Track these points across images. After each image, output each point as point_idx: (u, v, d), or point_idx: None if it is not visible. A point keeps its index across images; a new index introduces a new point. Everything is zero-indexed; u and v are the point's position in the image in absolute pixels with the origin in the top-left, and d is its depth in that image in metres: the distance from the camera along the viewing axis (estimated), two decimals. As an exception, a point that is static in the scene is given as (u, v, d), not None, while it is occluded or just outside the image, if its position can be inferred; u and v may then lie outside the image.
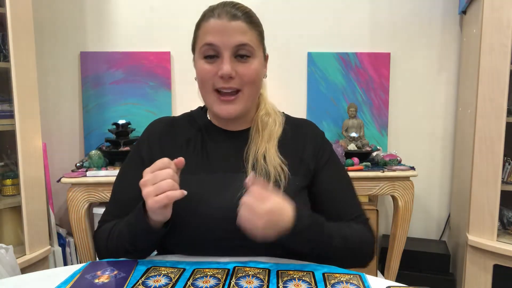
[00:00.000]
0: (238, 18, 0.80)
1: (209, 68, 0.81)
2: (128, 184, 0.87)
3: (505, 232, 1.78)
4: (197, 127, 0.91)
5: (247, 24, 0.81)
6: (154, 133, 0.91)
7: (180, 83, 2.08)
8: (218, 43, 0.79)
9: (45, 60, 2.01)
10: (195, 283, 0.68)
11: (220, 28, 0.79)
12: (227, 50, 0.80)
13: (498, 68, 1.65)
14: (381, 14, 2.11)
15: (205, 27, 0.81)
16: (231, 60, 0.80)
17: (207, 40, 0.80)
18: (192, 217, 0.80)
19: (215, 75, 0.81)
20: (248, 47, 0.81)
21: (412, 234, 2.19)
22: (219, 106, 0.83)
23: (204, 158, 0.86)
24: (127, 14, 2.05)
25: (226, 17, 0.79)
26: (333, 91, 2.11)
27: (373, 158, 1.92)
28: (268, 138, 0.87)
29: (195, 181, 0.82)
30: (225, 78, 0.80)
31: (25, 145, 1.57)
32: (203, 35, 0.81)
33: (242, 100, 0.83)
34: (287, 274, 0.72)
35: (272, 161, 0.84)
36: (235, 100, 0.82)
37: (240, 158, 0.85)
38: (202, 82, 0.83)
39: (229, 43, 0.79)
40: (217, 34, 0.79)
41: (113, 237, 0.81)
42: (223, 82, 0.81)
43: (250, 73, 0.81)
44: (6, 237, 1.65)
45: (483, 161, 1.71)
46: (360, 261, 0.85)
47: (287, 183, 0.82)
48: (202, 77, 0.83)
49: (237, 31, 0.79)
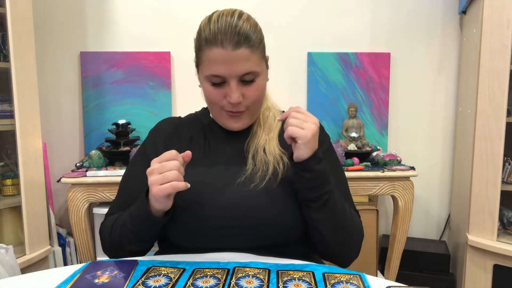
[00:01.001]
0: (241, 45, 0.80)
1: (216, 92, 0.84)
2: (133, 180, 0.91)
3: (505, 232, 1.78)
4: (200, 126, 0.95)
5: (250, 49, 0.81)
6: (160, 133, 0.95)
7: (180, 83, 2.08)
8: (224, 74, 0.81)
9: (45, 60, 2.01)
10: (195, 283, 0.68)
11: (225, 58, 0.80)
12: (234, 78, 0.82)
13: (498, 68, 1.65)
14: (381, 14, 2.11)
15: (209, 55, 0.82)
16: (238, 87, 0.82)
17: (213, 72, 0.82)
18: (194, 207, 0.82)
19: (224, 99, 0.84)
20: (252, 72, 0.83)
21: (412, 234, 2.19)
22: (228, 121, 0.88)
23: (206, 152, 0.90)
24: (127, 14, 2.05)
25: (229, 46, 0.79)
26: (333, 91, 2.11)
27: (373, 158, 1.92)
28: (269, 130, 0.91)
29: (196, 173, 0.85)
30: (233, 105, 0.84)
31: (25, 145, 1.57)
32: (208, 64, 0.83)
33: (249, 116, 0.88)
34: (287, 274, 0.72)
35: (272, 151, 0.87)
36: (242, 115, 0.87)
37: (241, 151, 0.89)
38: (210, 102, 0.88)
39: (235, 72, 0.81)
40: (222, 64, 0.81)
41: (117, 227, 0.84)
42: (232, 107, 0.85)
43: (256, 93, 0.85)
44: (6, 237, 1.65)
45: (483, 161, 1.71)
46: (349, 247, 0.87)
47: (286, 172, 0.85)
48: (209, 99, 0.86)
49: (241, 60, 0.80)
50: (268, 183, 0.83)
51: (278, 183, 0.84)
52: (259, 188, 0.82)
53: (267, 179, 0.83)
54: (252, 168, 0.85)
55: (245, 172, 0.85)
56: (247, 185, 0.83)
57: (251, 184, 0.83)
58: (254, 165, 0.86)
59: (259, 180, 0.83)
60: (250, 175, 0.84)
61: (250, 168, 0.85)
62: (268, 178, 0.84)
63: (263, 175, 0.84)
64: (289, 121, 0.78)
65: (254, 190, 0.82)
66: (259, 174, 0.84)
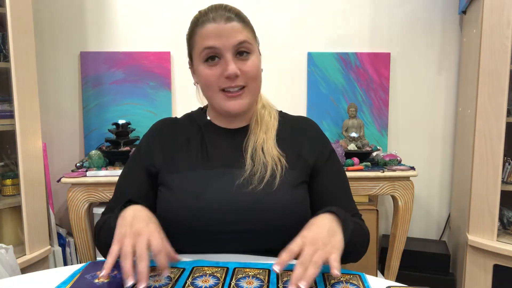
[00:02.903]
0: (232, 20, 0.83)
1: (212, 72, 0.84)
2: (128, 182, 0.91)
3: (505, 232, 1.78)
4: (197, 127, 0.94)
5: (242, 23, 0.84)
6: (155, 133, 0.94)
7: (180, 83, 2.08)
8: (219, 45, 0.82)
9: (45, 60, 2.01)
10: (194, 282, 0.68)
11: (218, 31, 0.81)
12: (229, 50, 0.82)
13: (498, 68, 1.65)
14: (381, 14, 2.11)
15: (202, 32, 0.83)
16: (234, 60, 0.83)
17: (208, 44, 0.82)
18: (192, 212, 0.81)
19: (220, 77, 0.83)
20: (247, 43, 0.84)
21: (412, 234, 2.19)
22: (227, 103, 0.86)
23: (203, 154, 0.89)
24: (127, 14, 2.05)
25: (221, 20, 0.82)
26: (333, 91, 2.11)
27: (373, 158, 1.92)
28: (266, 129, 0.91)
29: (195, 177, 0.85)
30: (231, 78, 0.83)
31: (25, 145, 1.57)
32: (201, 40, 0.83)
33: (248, 95, 0.86)
34: (287, 274, 0.72)
35: (270, 151, 0.87)
36: (242, 95, 0.85)
37: (240, 152, 0.88)
38: (207, 85, 0.86)
39: (230, 43, 0.82)
40: (216, 37, 0.82)
41: (104, 229, 0.84)
42: (230, 82, 0.83)
43: (252, 69, 0.85)
44: (6, 237, 1.65)
45: (483, 161, 1.71)
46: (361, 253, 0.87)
47: (284, 175, 0.85)
48: (207, 81, 0.85)
49: (235, 31, 0.82)
50: (266, 186, 0.82)
51: (277, 186, 0.83)
52: (257, 190, 0.82)
53: (265, 182, 0.83)
54: (250, 169, 0.85)
55: (243, 173, 0.84)
56: (245, 187, 0.82)
57: (249, 186, 0.82)
58: (253, 166, 0.85)
59: (257, 182, 0.83)
60: (248, 177, 0.84)
61: (248, 169, 0.85)
62: (266, 180, 0.83)
63: (261, 177, 0.83)
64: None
65: (253, 193, 0.82)
66: (258, 176, 0.83)
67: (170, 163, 0.88)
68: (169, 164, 0.88)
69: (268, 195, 0.82)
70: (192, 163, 0.86)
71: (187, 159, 0.88)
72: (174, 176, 0.86)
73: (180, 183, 0.84)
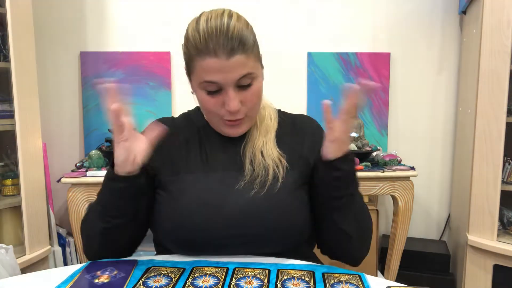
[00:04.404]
0: (235, 52, 0.75)
1: (213, 101, 0.79)
2: None
3: (505, 232, 1.78)
4: (196, 129, 0.91)
5: (245, 54, 0.76)
6: None
7: (180, 83, 2.08)
8: (220, 81, 0.77)
9: (45, 60, 2.01)
10: (194, 282, 0.68)
11: (219, 68, 0.75)
12: (230, 85, 0.77)
13: (498, 68, 1.65)
14: (381, 14, 2.11)
15: (201, 66, 0.77)
16: (236, 95, 0.78)
17: (207, 79, 0.77)
18: (192, 217, 0.79)
19: (221, 108, 0.80)
20: (249, 75, 0.78)
21: (412, 234, 2.19)
22: (226, 129, 0.84)
23: (203, 158, 0.86)
24: (127, 14, 2.05)
25: (223, 55, 0.74)
26: (333, 91, 2.11)
27: (373, 158, 1.92)
28: (265, 132, 0.88)
29: (194, 181, 0.82)
30: (233, 114, 0.80)
31: (25, 145, 1.57)
32: (201, 72, 0.77)
33: (248, 121, 0.85)
34: (287, 273, 0.72)
35: (270, 154, 0.84)
36: (241, 124, 0.83)
37: (238, 156, 0.86)
38: (208, 112, 0.84)
39: (232, 79, 0.76)
40: (217, 73, 0.76)
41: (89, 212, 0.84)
42: (231, 116, 0.80)
43: (253, 98, 0.81)
44: (6, 237, 1.65)
45: (483, 161, 1.71)
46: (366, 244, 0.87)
47: (286, 176, 0.82)
48: (206, 107, 0.82)
49: (237, 66, 0.76)
50: (269, 189, 0.80)
51: (279, 189, 0.80)
52: (260, 195, 0.79)
53: (268, 185, 0.80)
54: (250, 174, 0.82)
55: (243, 178, 0.82)
56: (247, 192, 0.80)
57: (251, 191, 0.80)
58: (253, 170, 0.82)
59: (259, 186, 0.80)
60: (249, 181, 0.81)
61: (248, 174, 0.82)
62: (268, 183, 0.80)
63: (263, 181, 0.81)
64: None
65: (256, 197, 0.79)
66: (259, 180, 0.81)
67: (169, 166, 0.85)
68: (168, 167, 0.85)
69: (270, 199, 0.79)
70: (191, 166, 0.84)
71: (186, 162, 0.85)
72: (174, 180, 0.83)
73: (179, 187, 0.82)
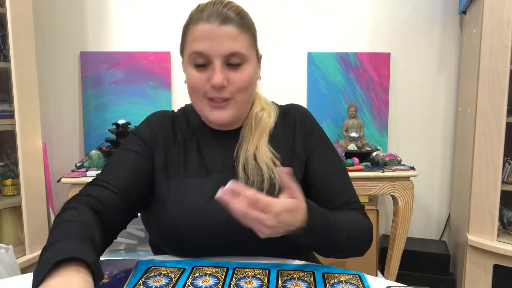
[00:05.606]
0: (229, 22, 0.75)
1: (199, 76, 0.78)
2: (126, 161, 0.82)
3: (505, 232, 1.78)
4: (192, 127, 0.89)
5: (239, 28, 0.76)
6: (156, 122, 0.89)
7: (180, 83, 2.08)
8: (207, 52, 0.75)
9: (45, 60, 2.01)
10: (194, 282, 0.68)
11: (209, 34, 0.74)
12: (218, 58, 0.75)
13: (498, 68, 1.65)
14: (381, 14, 2.11)
15: (193, 32, 0.76)
16: (222, 69, 0.76)
17: (196, 49, 0.76)
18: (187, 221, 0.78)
19: (206, 83, 0.77)
20: (240, 55, 0.76)
21: (412, 234, 2.18)
22: (210, 112, 0.80)
23: (199, 160, 0.84)
24: (127, 14, 2.05)
25: (216, 21, 0.74)
26: (333, 91, 2.11)
27: (373, 158, 1.92)
28: (260, 135, 0.84)
29: (190, 184, 0.81)
30: (216, 89, 0.77)
31: (25, 145, 1.57)
32: (192, 42, 0.77)
33: (234, 106, 0.80)
34: (287, 273, 0.72)
35: (264, 158, 0.81)
36: (226, 106, 0.79)
37: (232, 160, 0.84)
38: (193, 90, 0.80)
39: (220, 51, 0.75)
40: (206, 41, 0.74)
41: (55, 224, 0.70)
42: (215, 92, 0.77)
43: (242, 80, 0.78)
44: (6, 237, 1.65)
45: (483, 161, 1.71)
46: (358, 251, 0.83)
47: None
48: (192, 85, 0.79)
49: (228, 37, 0.74)
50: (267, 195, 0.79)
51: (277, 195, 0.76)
52: None
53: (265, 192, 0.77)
54: (245, 181, 0.79)
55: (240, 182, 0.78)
56: None
57: None
58: (247, 178, 0.80)
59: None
60: None
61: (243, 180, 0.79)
62: (265, 190, 0.78)
63: (260, 188, 0.78)
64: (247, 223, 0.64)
65: None
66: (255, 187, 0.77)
67: (169, 166, 0.84)
68: (167, 167, 0.84)
69: None
70: (189, 169, 0.83)
71: (183, 163, 0.84)
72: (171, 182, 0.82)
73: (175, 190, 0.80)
